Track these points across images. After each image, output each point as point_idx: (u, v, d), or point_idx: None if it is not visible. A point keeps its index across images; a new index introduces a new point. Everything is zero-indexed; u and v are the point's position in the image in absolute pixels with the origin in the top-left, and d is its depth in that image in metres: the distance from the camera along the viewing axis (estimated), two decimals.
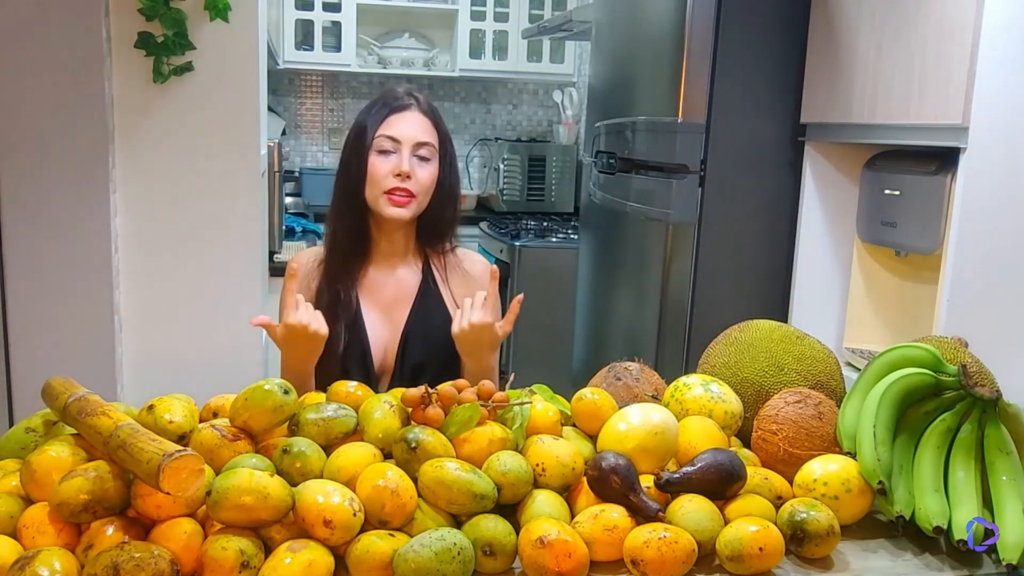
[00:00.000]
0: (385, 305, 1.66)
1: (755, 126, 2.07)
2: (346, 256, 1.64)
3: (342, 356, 1.61)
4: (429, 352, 1.64)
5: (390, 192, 1.58)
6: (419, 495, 0.99)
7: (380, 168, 1.58)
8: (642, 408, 1.11)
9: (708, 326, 1.70)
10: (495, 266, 1.55)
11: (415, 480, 1.00)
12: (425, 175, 1.60)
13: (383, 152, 1.59)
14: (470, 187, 4.62)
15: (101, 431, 0.96)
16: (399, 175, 1.57)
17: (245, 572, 0.89)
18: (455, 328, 1.50)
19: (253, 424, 1.05)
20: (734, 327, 1.39)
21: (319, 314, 1.45)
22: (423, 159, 1.61)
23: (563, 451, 1.07)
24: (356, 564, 0.92)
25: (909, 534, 1.10)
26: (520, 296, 1.49)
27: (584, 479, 1.06)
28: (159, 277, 2.08)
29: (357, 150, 1.61)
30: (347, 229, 1.64)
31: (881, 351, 1.22)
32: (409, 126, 1.60)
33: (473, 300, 1.50)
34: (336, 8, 4.11)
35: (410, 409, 1.10)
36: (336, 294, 1.62)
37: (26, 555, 0.88)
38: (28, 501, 0.98)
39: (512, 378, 1.57)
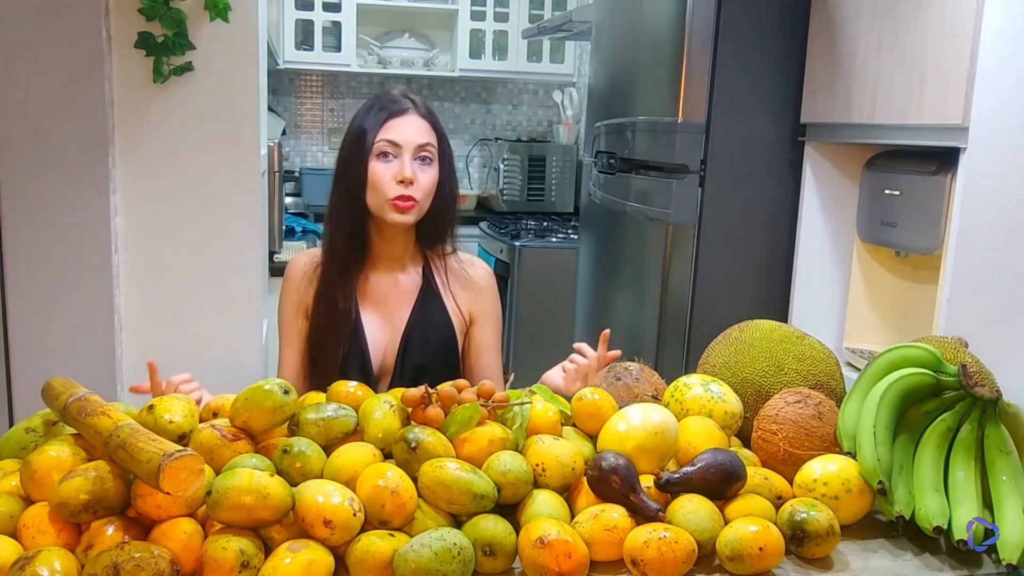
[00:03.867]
0: (384, 308, 1.65)
1: (755, 126, 2.07)
2: (345, 261, 1.62)
3: (341, 360, 1.60)
4: (429, 354, 1.64)
5: (395, 200, 1.56)
6: (419, 495, 0.99)
7: (382, 174, 1.56)
8: (642, 408, 1.11)
9: (708, 326, 1.71)
10: (608, 331, 1.54)
11: (415, 480, 1.00)
12: (427, 179, 1.59)
13: (383, 156, 1.57)
14: (470, 187, 4.62)
15: (101, 431, 0.96)
16: (402, 181, 1.55)
17: (245, 572, 0.89)
18: (570, 385, 1.51)
19: (253, 424, 1.05)
20: (734, 327, 1.39)
21: (183, 390, 1.41)
22: (424, 161, 1.59)
23: (563, 451, 1.07)
24: (356, 564, 0.92)
25: (909, 534, 1.10)
26: (607, 332, 1.52)
27: (584, 479, 1.06)
28: (159, 277, 2.08)
29: (356, 155, 1.58)
30: (346, 234, 1.62)
31: (881, 351, 1.22)
32: (409, 130, 1.58)
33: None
34: (336, 8, 4.11)
35: (410, 409, 1.10)
36: (334, 299, 1.61)
37: (26, 555, 0.88)
38: (28, 501, 0.98)
39: (512, 378, 1.57)
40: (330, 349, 1.60)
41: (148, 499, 0.93)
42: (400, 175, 1.56)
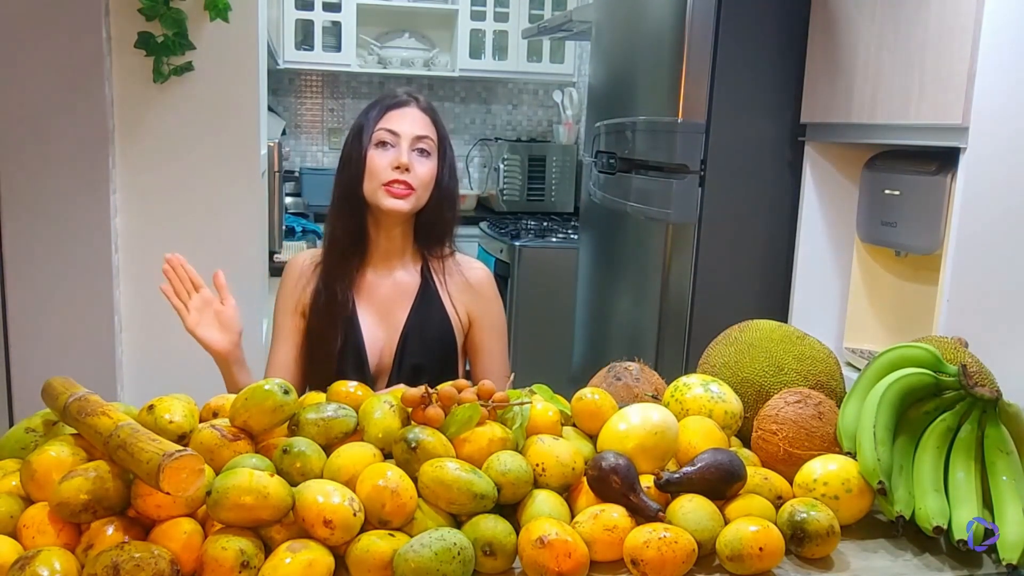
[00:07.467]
0: (382, 307, 1.66)
1: (755, 126, 2.07)
2: (344, 255, 1.64)
3: (337, 356, 1.61)
4: (427, 353, 1.64)
5: (388, 184, 1.58)
6: (419, 495, 0.99)
7: (379, 161, 1.59)
8: (642, 408, 1.11)
9: (708, 326, 1.70)
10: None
11: (415, 480, 1.00)
12: (424, 170, 1.61)
13: (382, 145, 1.60)
14: (470, 187, 4.62)
15: (101, 431, 0.96)
16: (398, 167, 1.58)
17: (245, 572, 0.89)
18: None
19: (253, 424, 1.05)
20: (734, 327, 1.39)
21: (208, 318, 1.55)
22: (422, 153, 1.61)
23: (563, 451, 1.07)
24: (356, 564, 0.92)
25: (909, 534, 1.10)
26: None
27: (584, 479, 1.06)
28: (159, 277, 2.08)
29: (356, 146, 1.62)
30: (346, 227, 1.64)
31: (881, 351, 1.22)
32: (408, 121, 1.62)
33: None
34: (336, 8, 4.11)
35: (410, 409, 1.10)
36: (333, 294, 1.62)
37: (26, 555, 0.88)
38: (28, 501, 0.98)
39: (512, 378, 1.57)
40: (327, 342, 1.61)
41: (148, 499, 0.93)
42: (396, 162, 1.59)
